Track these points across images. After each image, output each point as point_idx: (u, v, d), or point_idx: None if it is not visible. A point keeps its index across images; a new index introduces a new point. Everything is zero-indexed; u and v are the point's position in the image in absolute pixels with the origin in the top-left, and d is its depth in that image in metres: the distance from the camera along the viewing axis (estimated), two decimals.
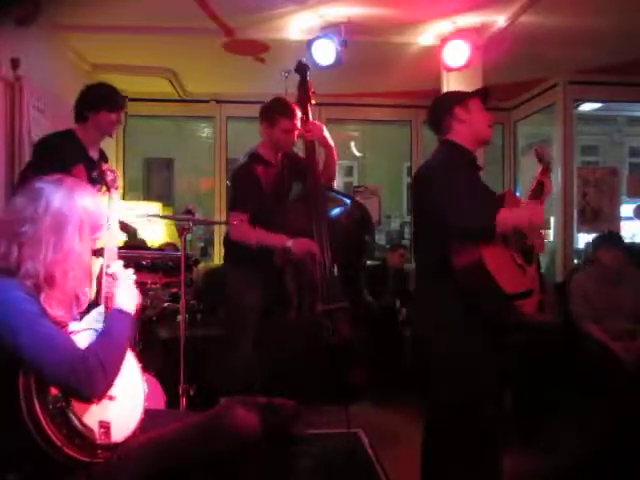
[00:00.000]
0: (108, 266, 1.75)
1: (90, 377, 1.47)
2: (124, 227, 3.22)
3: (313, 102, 3.31)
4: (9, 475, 1.50)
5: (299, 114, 3.22)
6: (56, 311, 1.57)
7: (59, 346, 1.48)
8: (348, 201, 3.47)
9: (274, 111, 3.21)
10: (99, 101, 2.93)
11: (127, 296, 1.71)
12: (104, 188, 1.97)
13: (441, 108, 2.39)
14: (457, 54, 4.09)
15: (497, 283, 2.08)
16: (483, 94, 2.41)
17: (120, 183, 2.03)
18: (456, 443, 2.21)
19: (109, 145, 5.67)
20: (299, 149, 3.44)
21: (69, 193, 1.62)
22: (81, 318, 1.71)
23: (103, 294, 1.72)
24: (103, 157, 3.12)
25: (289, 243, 3.04)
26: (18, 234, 1.55)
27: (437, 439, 2.30)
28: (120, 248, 1.94)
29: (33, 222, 1.55)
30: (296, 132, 3.23)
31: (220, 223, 4.07)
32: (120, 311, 1.66)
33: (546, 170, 2.34)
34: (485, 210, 2.16)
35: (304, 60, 3.40)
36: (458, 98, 2.41)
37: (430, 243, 2.30)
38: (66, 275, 1.59)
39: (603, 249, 3.71)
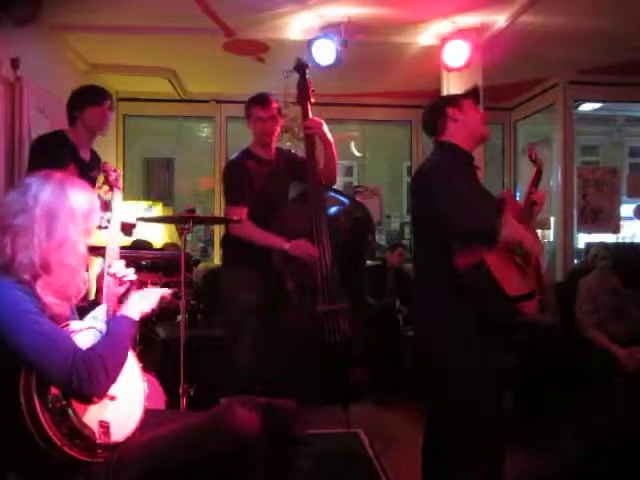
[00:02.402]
0: (110, 266, 1.76)
1: (91, 377, 1.47)
2: (124, 226, 3.23)
3: (313, 100, 3.30)
4: (9, 475, 1.50)
5: (276, 105, 3.22)
6: (53, 299, 1.57)
7: (60, 345, 1.48)
8: (347, 201, 3.47)
9: (248, 103, 3.25)
10: (83, 99, 3.03)
11: (137, 304, 1.72)
12: (106, 187, 1.97)
13: (434, 111, 2.41)
14: (457, 54, 4.09)
15: (499, 284, 2.08)
16: (475, 94, 2.44)
17: (121, 183, 2.03)
18: (457, 443, 2.21)
19: (109, 145, 5.70)
20: (298, 149, 3.44)
21: (58, 184, 1.64)
22: (82, 317, 1.71)
23: (104, 293, 1.72)
24: (97, 159, 3.17)
25: (286, 246, 3.04)
26: (10, 226, 1.56)
27: (438, 439, 2.30)
28: (121, 248, 1.94)
29: (24, 213, 1.57)
30: (271, 121, 3.20)
31: (221, 222, 4.06)
32: (127, 317, 1.67)
33: (539, 172, 2.38)
34: (488, 211, 2.17)
35: (302, 58, 3.39)
36: (450, 99, 2.44)
37: (430, 244, 2.30)
38: (62, 263, 1.59)
39: (616, 274, 3.70)
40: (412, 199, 2.54)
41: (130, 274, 1.82)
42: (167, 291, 1.85)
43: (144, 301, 1.76)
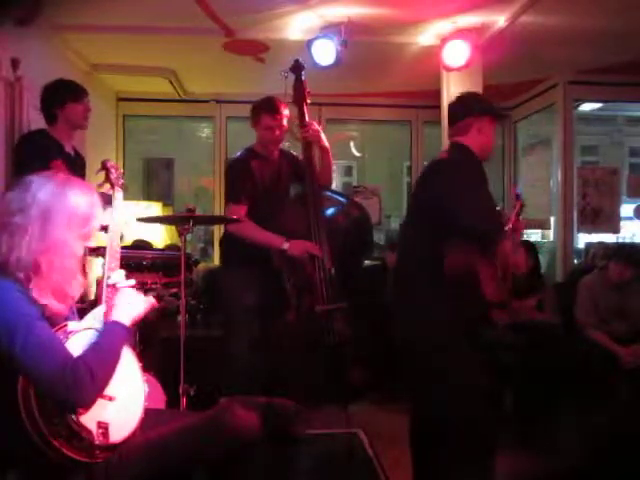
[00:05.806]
0: (109, 277, 1.73)
1: (77, 385, 1.44)
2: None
3: (309, 101, 3.32)
4: (9, 475, 1.50)
5: (286, 112, 3.22)
6: (49, 300, 1.56)
7: (52, 351, 1.46)
8: (345, 201, 3.48)
9: (257, 109, 3.25)
10: (64, 95, 3.02)
11: (126, 309, 1.68)
12: (107, 185, 1.96)
13: (472, 108, 2.38)
14: (457, 54, 4.08)
15: (481, 289, 2.13)
16: (499, 120, 2.49)
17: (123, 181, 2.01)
18: (442, 443, 2.22)
19: (109, 145, 5.70)
20: (297, 149, 3.44)
21: (60, 185, 1.62)
22: (81, 318, 1.71)
23: (103, 301, 1.70)
24: (79, 156, 3.21)
25: (285, 245, 3.04)
26: (8, 224, 1.55)
27: (423, 438, 2.32)
28: (121, 248, 1.93)
29: (21, 212, 1.55)
30: (280, 129, 3.21)
31: (221, 222, 4.06)
32: (117, 323, 1.64)
33: (521, 207, 2.55)
34: (496, 213, 2.21)
35: (300, 59, 3.40)
36: (491, 111, 2.42)
37: (423, 241, 2.28)
38: (52, 265, 1.57)
39: (614, 262, 3.70)
40: (416, 194, 2.50)
41: (130, 284, 1.77)
42: (153, 302, 1.79)
43: (133, 305, 1.70)
